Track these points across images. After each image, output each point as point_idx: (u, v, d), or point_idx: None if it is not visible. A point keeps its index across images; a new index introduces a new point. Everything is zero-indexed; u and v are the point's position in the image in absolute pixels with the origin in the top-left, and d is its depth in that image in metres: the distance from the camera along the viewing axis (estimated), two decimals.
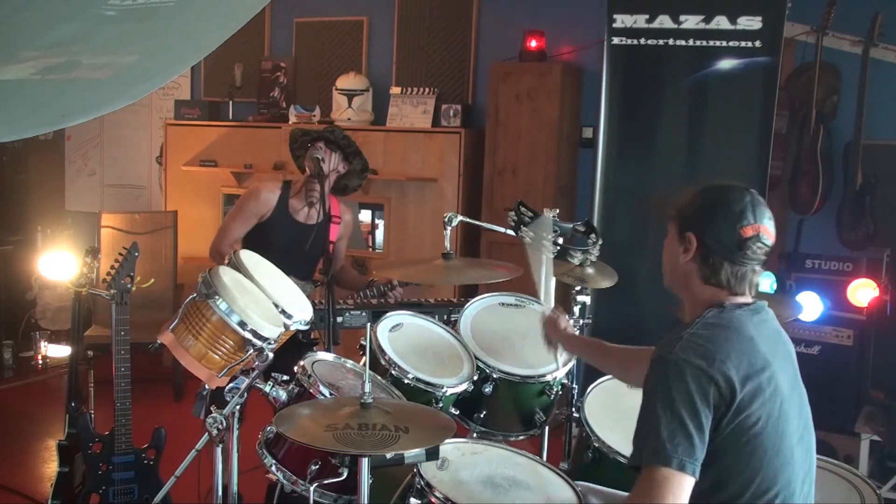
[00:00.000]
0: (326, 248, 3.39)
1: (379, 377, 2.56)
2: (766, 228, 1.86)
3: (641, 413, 1.77)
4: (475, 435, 2.74)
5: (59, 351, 5.98)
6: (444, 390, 2.61)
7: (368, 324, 2.46)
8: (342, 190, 3.59)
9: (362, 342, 2.59)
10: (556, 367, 2.77)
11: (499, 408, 2.77)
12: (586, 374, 3.30)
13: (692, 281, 1.92)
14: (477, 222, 3.74)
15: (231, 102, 6.08)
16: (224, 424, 2.28)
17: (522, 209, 2.92)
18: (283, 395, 2.35)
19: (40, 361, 5.96)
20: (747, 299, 1.91)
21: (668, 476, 1.67)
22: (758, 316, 1.89)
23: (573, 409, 2.90)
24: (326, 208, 3.46)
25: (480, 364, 2.76)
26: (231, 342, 2.30)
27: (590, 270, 2.98)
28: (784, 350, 1.92)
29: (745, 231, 1.84)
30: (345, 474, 2.13)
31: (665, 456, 1.68)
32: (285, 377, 2.43)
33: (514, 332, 2.93)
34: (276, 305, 2.41)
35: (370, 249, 5.68)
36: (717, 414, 1.72)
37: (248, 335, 2.28)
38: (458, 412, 2.74)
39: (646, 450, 1.71)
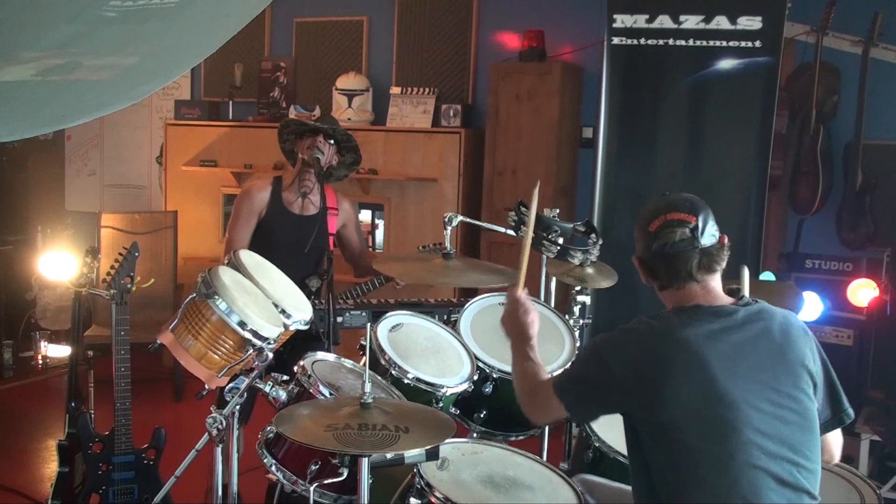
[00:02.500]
0: (326, 240, 3.41)
1: (379, 377, 2.56)
2: (676, 213, 1.92)
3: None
4: (475, 435, 2.74)
5: (59, 351, 5.98)
6: (444, 390, 2.61)
7: (368, 324, 2.46)
8: (326, 178, 3.57)
9: (362, 342, 2.59)
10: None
11: (499, 408, 2.77)
12: None
13: (659, 294, 2.03)
14: (477, 222, 3.75)
15: (231, 102, 6.08)
16: (224, 424, 2.28)
17: (522, 209, 2.92)
18: (283, 395, 2.35)
19: (40, 361, 5.96)
20: (714, 301, 1.92)
21: (556, 402, 1.98)
22: (721, 321, 1.87)
23: None
24: (323, 200, 3.46)
25: (480, 364, 2.76)
26: (231, 342, 2.30)
27: (590, 270, 2.98)
28: (765, 354, 1.87)
29: (652, 225, 1.94)
30: (345, 474, 2.13)
31: (560, 389, 1.98)
32: (285, 377, 2.43)
33: None
34: (276, 305, 2.41)
35: (370, 249, 5.68)
36: (619, 401, 1.92)
37: (247, 335, 2.28)
38: (458, 412, 2.74)
39: (560, 376, 2.04)
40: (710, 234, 1.92)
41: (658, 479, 1.85)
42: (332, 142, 3.42)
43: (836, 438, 2.05)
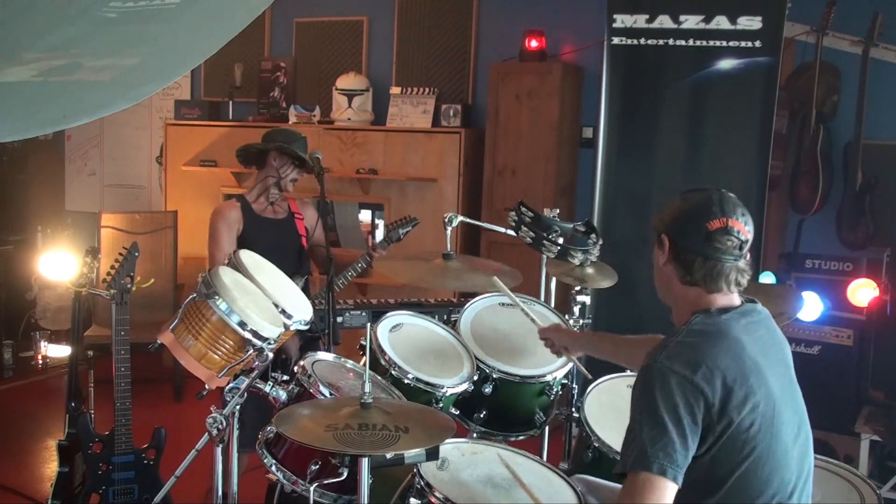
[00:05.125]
0: (301, 242, 3.45)
1: (379, 377, 2.56)
2: (736, 222, 1.88)
3: (629, 423, 1.80)
4: (475, 435, 2.74)
5: (59, 351, 5.98)
6: (444, 390, 2.62)
7: (368, 324, 2.46)
8: (278, 186, 3.58)
9: (362, 342, 2.59)
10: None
11: (499, 408, 2.77)
12: None
13: (673, 284, 1.96)
14: (477, 222, 3.75)
15: (231, 102, 6.09)
16: (224, 424, 2.29)
17: (522, 209, 2.92)
18: (283, 395, 2.36)
19: (40, 361, 5.96)
20: (733, 301, 1.92)
21: (648, 479, 1.69)
22: (746, 319, 1.89)
23: (573, 409, 2.91)
24: (288, 206, 3.54)
25: (480, 364, 2.76)
26: (231, 342, 2.30)
27: (590, 270, 2.98)
28: (777, 351, 1.92)
29: (712, 224, 1.87)
30: (345, 474, 2.13)
31: (646, 461, 1.70)
32: (285, 377, 2.43)
33: (514, 332, 2.93)
34: (276, 305, 2.41)
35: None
36: (706, 421, 1.74)
37: (247, 335, 2.28)
38: (458, 412, 2.74)
39: (629, 456, 1.75)
40: (748, 249, 1.93)
41: (728, 492, 1.78)
42: (287, 157, 3.48)
43: None
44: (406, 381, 2.58)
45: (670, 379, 1.74)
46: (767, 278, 4.33)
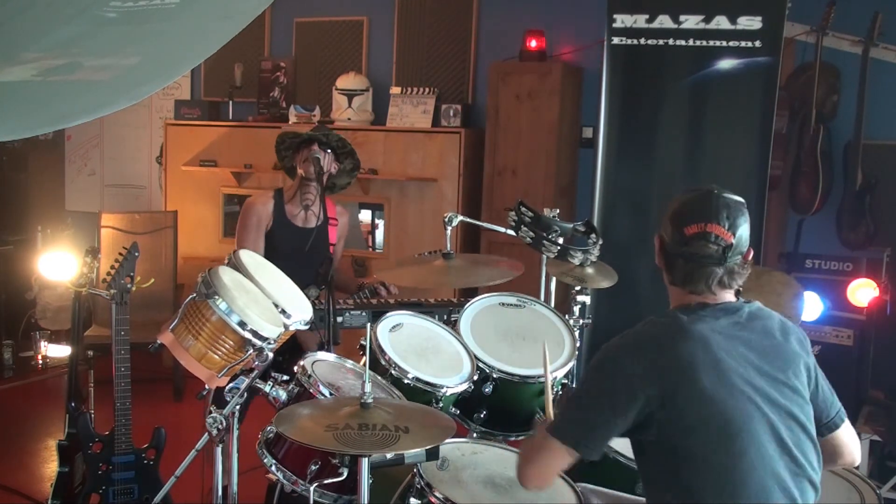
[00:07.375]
0: (327, 250, 3.41)
1: (379, 377, 2.56)
2: (715, 226, 1.88)
3: (575, 388, 1.90)
4: (475, 435, 2.74)
5: (59, 351, 5.98)
6: (444, 390, 2.61)
7: (368, 324, 2.46)
8: (330, 189, 3.58)
9: (362, 342, 2.59)
10: None
11: (499, 408, 2.77)
12: None
13: (667, 284, 2.00)
14: (477, 222, 3.75)
15: (231, 102, 6.09)
16: (224, 424, 2.29)
17: (522, 209, 2.93)
18: (283, 395, 2.36)
19: (40, 361, 5.96)
20: (719, 300, 1.91)
21: (556, 448, 1.87)
22: (730, 317, 1.88)
23: None
24: (324, 210, 3.47)
25: (480, 364, 2.76)
26: (231, 342, 2.30)
27: (590, 270, 2.98)
28: (771, 355, 1.88)
29: (689, 229, 1.89)
30: (345, 474, 2.13)
31: (563, 434, 1.87)
32: (285, 377, 2.43)
33: (514, 332, 2.93)
34: (276, 305, 2.41)
35: (370, 249, 5.69)
36: (648, 409, 1.80)
37: (247, 335, 2.28)
38: (458, 412, 2.74)
39: (555, 419, 1.95)
40: (738, 251, 1.90)
41: (687, 482, 1.80)
42: (328, 150, 3.43)
43: (852, 438, 2.05)
44: (406, 381, 2.58)
45: (617, 361, 1.86)
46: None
